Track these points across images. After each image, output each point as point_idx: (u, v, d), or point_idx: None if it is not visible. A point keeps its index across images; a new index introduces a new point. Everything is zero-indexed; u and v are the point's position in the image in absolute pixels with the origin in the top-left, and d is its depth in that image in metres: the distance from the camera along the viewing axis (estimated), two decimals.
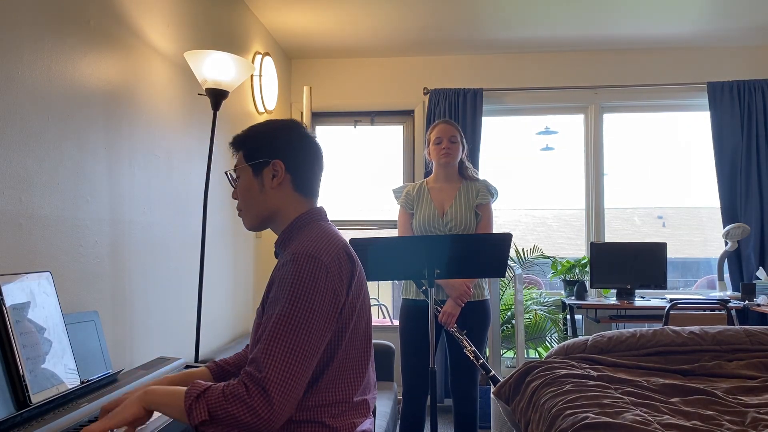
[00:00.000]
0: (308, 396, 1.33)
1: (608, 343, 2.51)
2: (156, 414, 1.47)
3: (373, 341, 3.53)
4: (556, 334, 4.55)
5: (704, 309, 3.62)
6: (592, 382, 2.11)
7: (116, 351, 2.13)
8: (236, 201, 1.53)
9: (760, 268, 4.06)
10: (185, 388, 1.24)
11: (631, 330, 2.58)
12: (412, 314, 2.86)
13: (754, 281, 4.02)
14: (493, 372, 2.58)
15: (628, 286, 4.05)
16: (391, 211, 4.19)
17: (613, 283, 4.10)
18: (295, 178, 1.47)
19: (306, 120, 3.81)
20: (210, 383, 1.24)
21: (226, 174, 1.56)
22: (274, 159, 1.45)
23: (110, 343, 2.02)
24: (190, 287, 2.70)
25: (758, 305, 3.79)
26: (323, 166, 1.54)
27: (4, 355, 1.35)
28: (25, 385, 1.37)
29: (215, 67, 2.47)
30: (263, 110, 3.80)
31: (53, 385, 1.47)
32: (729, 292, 4.13)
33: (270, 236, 3.22)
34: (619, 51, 4.43)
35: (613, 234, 5.17)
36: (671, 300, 3.45)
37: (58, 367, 1.51)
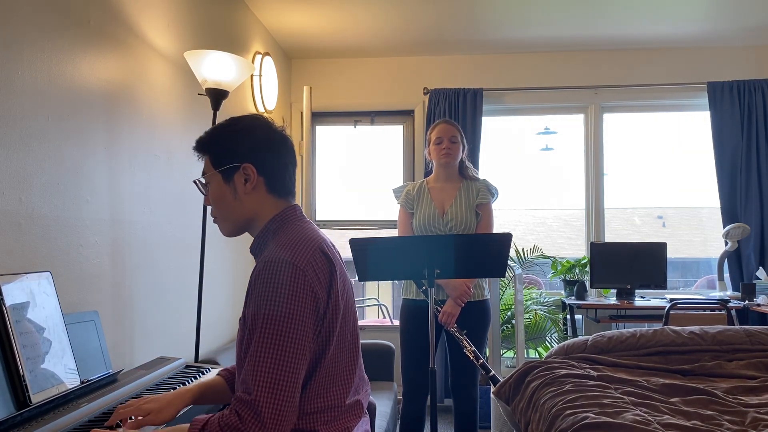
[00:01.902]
0: (301, 402, 1.30)
1: (608, 343, 2.51)
2: None
3: (373, 341, 3.54)
4: (556, 334, 4.55)
5: (704, 309, 3.61)
6: (592, 382, 2.11)
7: (116, 351, 2.13)
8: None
9: (760, 268, 4.06)
10: (187, 425, 1.24)
11: (631, 330, 2.58)
12: (412, 314, 2.86)
13: (754, 281, 4.02)
14: (493, 372, 2.58)
15: (628, 286, 4.04)
16: (391, 211, 4.19)
17: (613, 283, 4.09)
18: (268, 180, 1.41)
19: (306, 120, 3.82)
20: (208, 416, 1.23)
21: (195, 183, 1.49)
22: (244, 163, 1.38)
23: (110, 343, 2.02)
24: (190, 287, 2.70)
25: (758, 305, 3.79)
26: (295, 160, 1.48)
27: (4, 355, 1.35)
28: (25, 385, 1.37)
29: (215, 67, 2.47)
30: (263, 110, 3.80)
31: (53, 385, 1.47)
32: (729, 292, 4.13)
33: None
34: (619, 51, 4.43)
35: (613, 234, 5.17)
36: (671, 300, 3.45)
37: (58, 367, 1.51)
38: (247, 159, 1.39)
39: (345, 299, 1.38)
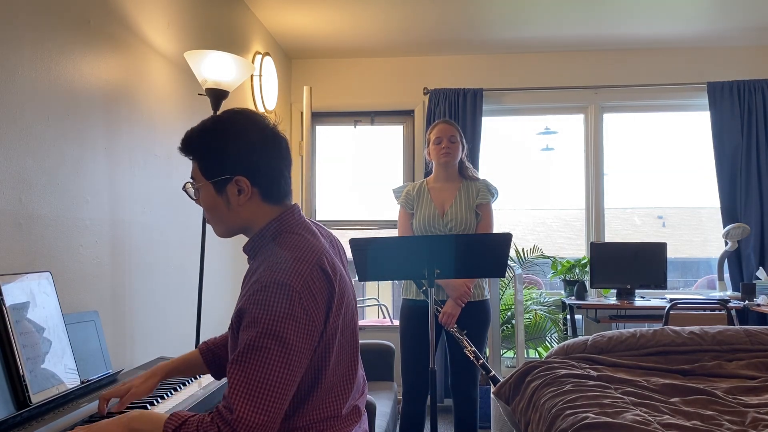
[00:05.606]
0: (297, 417, 1.29)
1: (608, 343, 2.51)
2: None
3: (373, 341, 3.54)
4: (556, 334, 4.55)
5: (704, 309, 3.61)
6: (592, 382, 2.11)
7: (116, 351, 2.13)
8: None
9: (760, 268, 4.06)
10: (166, 416, 1.21)
11: (631, 330, 2.58)
12: (413, 314, 2.85)
13: (754, 281, 4.02)
14: (493, 372, 2.58)
15: (628, 286, 4.04)
16: (391, 211, 4.19)
17: (613, 283, 4.09)
18: (263, 190, 1.32)
19: (306, 120, 3.82)
20: (189, 414, 1.20)
21: (185, 190, 1.39)
22: (236, 176, 1.30)
23: (110, 343, 2.02)
24: (190, 287, 2.70)
25: (758, 305, 3.79)
26: (290, 160, 1.38)
27: (4, 355, 1.35)
28: (25, 385, 1.37)
29: (215, 67, 2.47)
30: (263, 110, 3.80)
31: (53, 385, 1.47)
32: (729, 292, 4.13)
33: None
34: (619, 51, 4.43)
35: (613, 234, 5.18)
36: (671, 300, 3.45)
37: (58, 367, 1.51)
38: (238, 170, 1.30)
39: (343, 316, 1.34)
